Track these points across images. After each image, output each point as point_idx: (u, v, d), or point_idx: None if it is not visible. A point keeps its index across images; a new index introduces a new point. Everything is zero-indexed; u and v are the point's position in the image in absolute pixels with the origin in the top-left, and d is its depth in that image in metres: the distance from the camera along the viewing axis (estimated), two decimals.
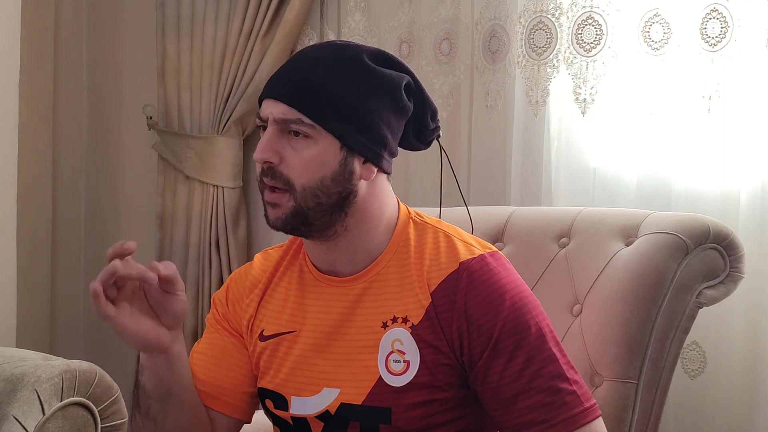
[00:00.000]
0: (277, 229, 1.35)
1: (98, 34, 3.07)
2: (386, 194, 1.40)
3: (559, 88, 2.21)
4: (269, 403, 1.45)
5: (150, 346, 1.34)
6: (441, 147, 1.50)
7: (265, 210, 1.36)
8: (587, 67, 2.14)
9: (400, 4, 2.51)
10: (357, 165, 1.33)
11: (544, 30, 2.20)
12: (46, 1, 2.92)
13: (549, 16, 2.19)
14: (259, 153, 1.32)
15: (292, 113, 1.31)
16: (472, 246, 1.38)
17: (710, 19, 1.98)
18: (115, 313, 1.28)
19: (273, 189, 1.33)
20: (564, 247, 1.78)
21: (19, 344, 2.50)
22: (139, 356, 1.38)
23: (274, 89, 1.34)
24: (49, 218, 2.99)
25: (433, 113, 1.42)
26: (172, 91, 2.80)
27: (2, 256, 2.50)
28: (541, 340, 1.32)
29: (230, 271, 2.72)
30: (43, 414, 1.57)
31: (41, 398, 1.56)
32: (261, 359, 1.45)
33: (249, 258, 2.74)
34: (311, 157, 1.31)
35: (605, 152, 2.20)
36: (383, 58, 1.37)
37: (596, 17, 2.12)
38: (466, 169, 2.39)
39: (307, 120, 1.30)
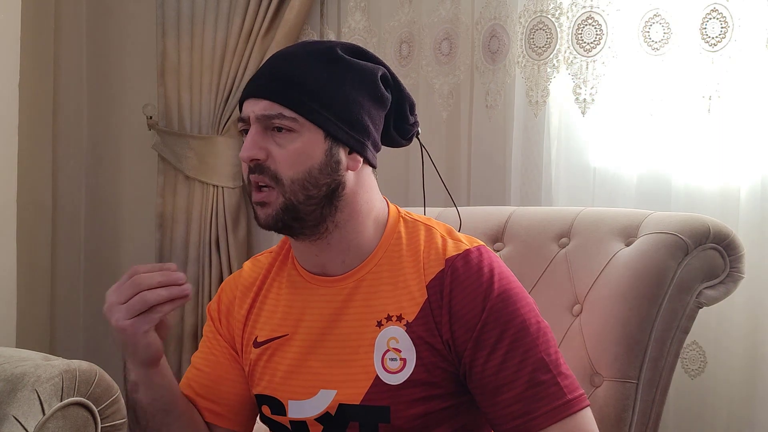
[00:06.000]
0: (268, 228, 1.35)
1: (98, 34, 3.07)
2: (373, 189, 1.41)
3: (559, 88, 2.21)
4: (266, 410, 1.44)
5: (156, 358, 1.34)
6: (421, 144, 1.51)
7: (255, 212, 1.36)
8: (587, 67, 2.13)
9: (400, 4, 2.51)
10: (343, 155, 1.34)
11: (544, 30, 2.20)
12: (46, 1, 2.92)
13: (549, 16, 2.18)
14: (245, 151, 1.33)
15: (272, 108, 1.31)
16: (460, 242, 1.39)
17: (710, 19, 1.98)
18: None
19: (260, 188, 1.33)
20: (564, 247, 1.78)
21: (19, 344, 2.49)
22: (126, 376, 1.37)
23: (253, 88, 1.35)
24: (49, 218, 2.99)
25: (411, 105, 1.43)
26: (172, 91, 2.80)
27: (2, 256, 2.50)
28: (525, 332, 1.31)
29: (230, 271, 2.72)
30: (43, 414, 1.56)
31: (41, 398, 1.56)
32: (257, 366, 1.44)
33: (249, 258, 2.74)
34: (296, 150, 1.31)
35: (605, 152, 2.20)
36: (357, 51, 1.39)
37: (596, 17, 2.12)
38: (466, 169, 2.38)
39: (288, 113, 1.31)
